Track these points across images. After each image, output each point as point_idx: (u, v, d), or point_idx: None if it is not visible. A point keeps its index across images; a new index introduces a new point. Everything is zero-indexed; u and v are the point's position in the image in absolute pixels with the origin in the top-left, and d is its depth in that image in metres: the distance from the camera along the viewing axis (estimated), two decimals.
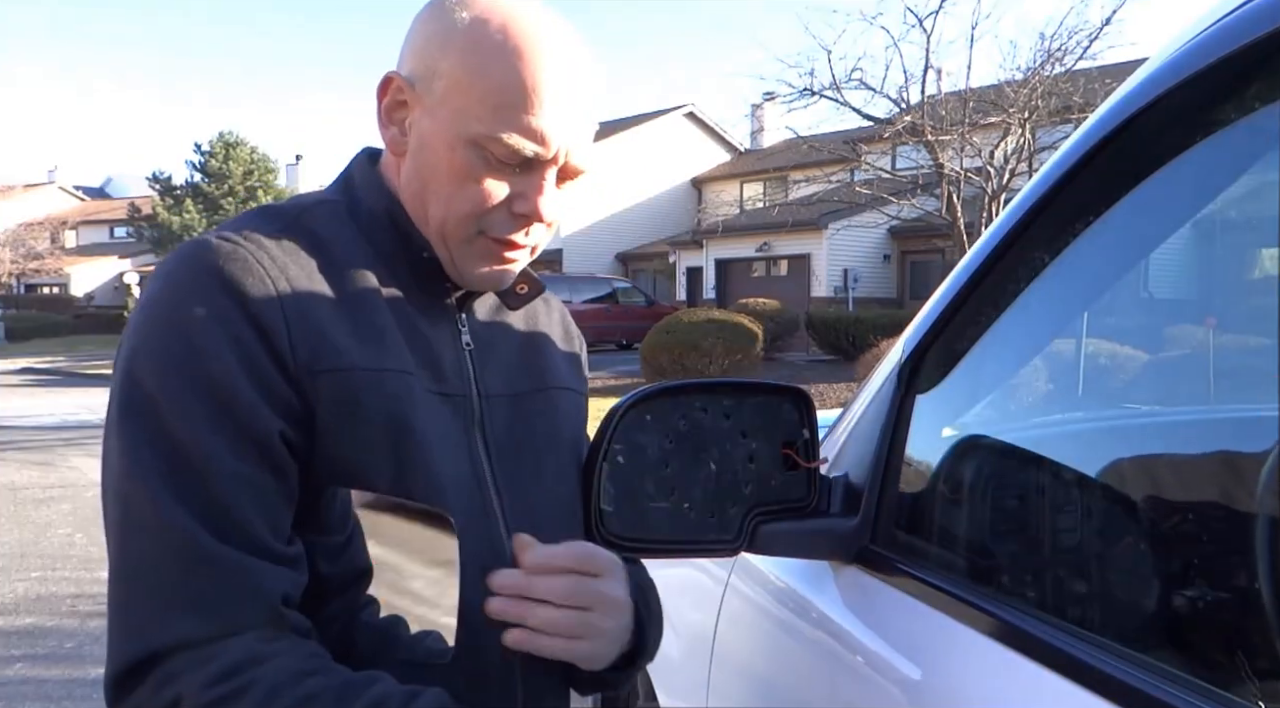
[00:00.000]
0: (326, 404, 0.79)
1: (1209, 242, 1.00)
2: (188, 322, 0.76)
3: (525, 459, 0.94)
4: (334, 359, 0.80)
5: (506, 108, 0.82)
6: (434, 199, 0.86)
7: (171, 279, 0.79)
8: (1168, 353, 1.07)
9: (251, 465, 0.76)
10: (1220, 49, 0.70)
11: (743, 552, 1.09)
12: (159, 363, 0.76)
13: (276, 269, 0.80)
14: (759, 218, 22.54)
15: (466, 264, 0.89)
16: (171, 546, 0.73)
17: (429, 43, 0.85)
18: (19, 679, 3.81)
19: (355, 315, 0.83)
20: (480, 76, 0.82)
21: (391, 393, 0.82)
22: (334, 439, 0.80)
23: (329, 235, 0.86)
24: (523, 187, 0.85)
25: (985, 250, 0.98)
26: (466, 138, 0.83)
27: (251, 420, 0.76)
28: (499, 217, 0.86)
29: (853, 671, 1.06)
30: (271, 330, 0.77)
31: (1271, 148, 0.74)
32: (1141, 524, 0.92)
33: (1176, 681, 0.67)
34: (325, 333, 0.80)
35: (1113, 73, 12.41)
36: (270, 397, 0.77)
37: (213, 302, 0.77)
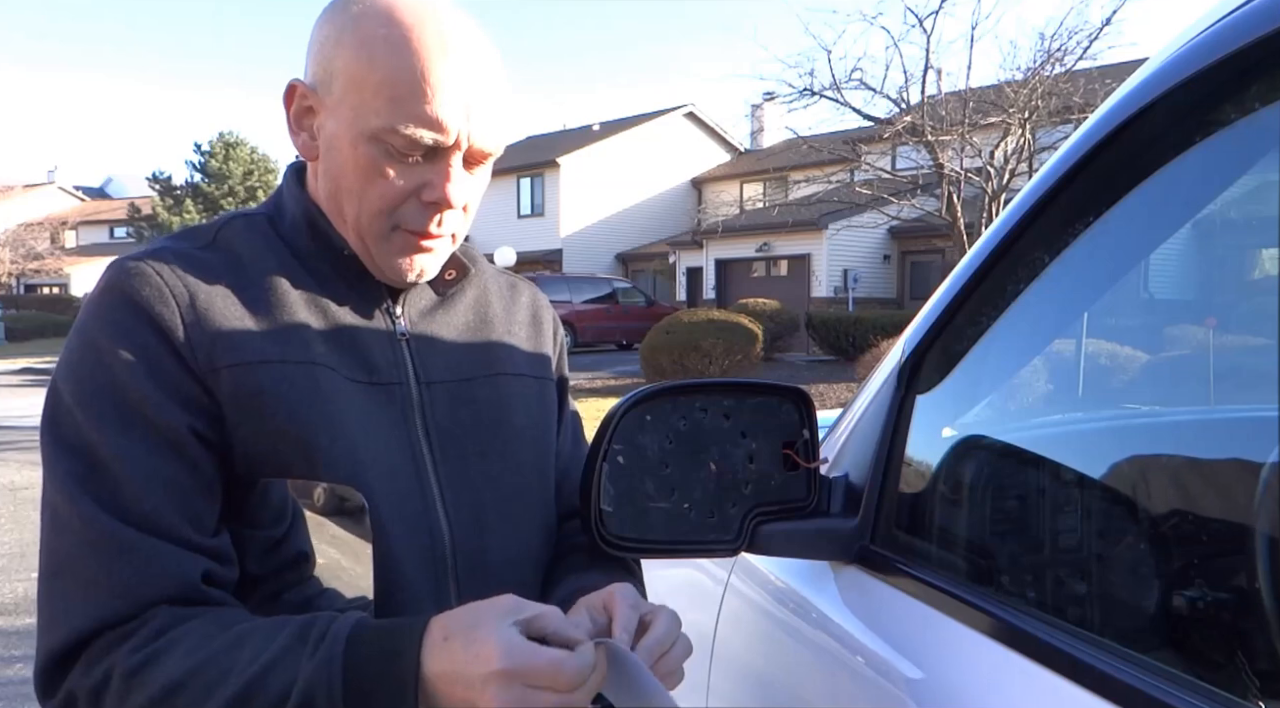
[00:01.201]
0: (230, 398, 0.83)
1: (1209, 242, 0.99)
2: (96, 336, 0.82)
3: (468, 445, 0.95)
4: (232, 354, 0.83)
5: (400, 99, 0.83)
6: (346, 197, 0.89)
7: (89, 303, 0.85)
8: (1168, 353, 1.07)
9: (163, 460, 0.80)
10: (1220, 49, 0.70)
11: (743, 552, 1.09)
12: (74, 375, 0.82)
13: (175, 278, 0.84)
14: (759, 218, 22.53)
15: (385, 259, 0.91)
16: (89, 540, 0.77)
17: (324, 45, 0.87)
18: (19, 679, 3.81)
19: (259, 314, 0.86)
20: (370, 70, 0.84)
21: (295, 382, 0.85)
22: (243, 431, 0.83)
23: (243, 245, 0.90)
24: (429, 176, 0.87)
25: (985, 250, 0.98)
26: (367, 133, 0.84)
27: (158, 417, 0.80)
28: (411, 209, 0.88)
29: (852, 671, 1.06)
30: (170, 333, 0.82)
31: (1271, 148, 0.74)
32: (1141, 524, 0.92)
33: (1176, 681, 0.67)
34: (223, 331, 0.84)
35: (1113, 73, 12.43)
36: (176, 394, 0.81)
37: (117, 315, 0.82)
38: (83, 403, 0.80)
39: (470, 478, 0.94)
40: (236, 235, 0.91)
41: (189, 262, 0.86)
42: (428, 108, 0.83)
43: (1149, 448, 1.07)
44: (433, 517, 0.91)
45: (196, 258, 0.87)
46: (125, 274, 0.83)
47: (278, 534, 0.86)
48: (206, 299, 0.84)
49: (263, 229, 0.93)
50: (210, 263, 0.87)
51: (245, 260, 0.89)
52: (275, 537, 0.86)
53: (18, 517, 6.86)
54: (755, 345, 13.55)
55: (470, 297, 1.02)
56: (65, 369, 0.83)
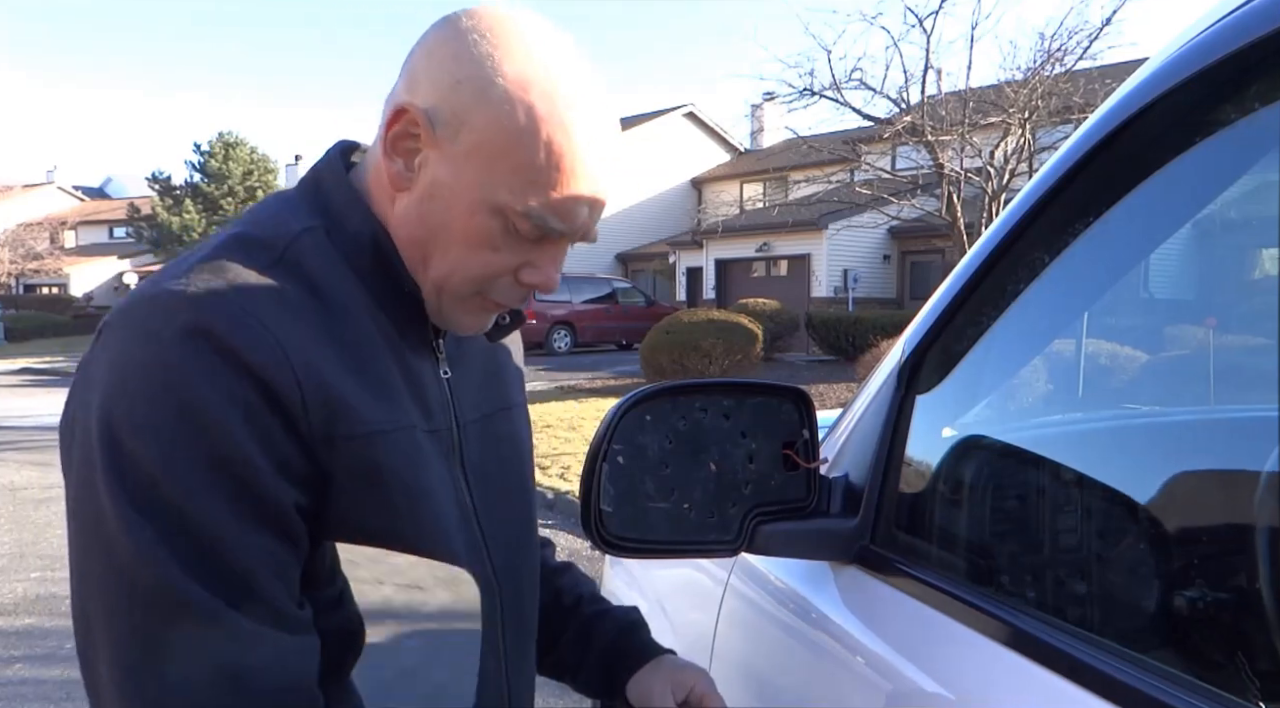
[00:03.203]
0: (344, 470, 0.76)
1: (1209, 242, 0.99)
2: (189, 391, 0.70)
3: (494, 483, 0.94)
4: (351, 424, 0.76)
5: (540, 185, 0.78)
6: (439, 254, 0.82)
7: (156, 339, 0.71)
8: (1168, 353, 1.07)
9: (266, 537, 0.72)
10: (1220, 49, 0.70)
11: (743, 552, 1.09)
12: (160, 433, 0.69)
13: (275, 323, 0.73)
14: (759, 218, 22.53)
15: (455, 315, 0.86)
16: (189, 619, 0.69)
17: (458, 87, 0.78)
18: (19, 680, 3.81)
19: (361, 367, 0.79)
20: (516, 145, 0.77)
21: (405, 452, 0.80)
22: (350, 503, 0.77)
23: (319, 272, 0.80)
24: (536, 258, 0.83)
25: (985, 250, 0.98)
26: (491, 205, 0.79)
27: (266, 493, 0.72)
28: (505, 285, 0.84)
29: (852, 671, 1.06)
30: (283, 396, 0.72)
31: (1271, 148, 0.74)
32: (1141, 524, 0.92)
33: (1177, 681, 0.67)
34: (338, 393, 0.75)
35: (1113, 73, 12.42)
36: (285, 467, 0.73)
37: (213, 367, 0.70)
38: (176, 471, 0.69)
39: (500, 520, 0.94)
40: (306, 255, 0.80)
41: (274, 296, 0.75)
42: (568, 199, 0.79)
43: (1149, 448, 1.07)
44: (486, 571, 0.91)
45: (280, 291, 0.76)
46: (213, 314, 0.71)
47: (334, 594, 0.81)
48: (308, 349, 0.74)
49: (327, 248, 0.82)
50: (293, 297, 0.76)
51: (323, 291, 0.79)
52: (333, 596, 0.81)
53: (17, 517, 6.86)
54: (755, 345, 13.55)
55: None
56: (137, 426, 0.70)
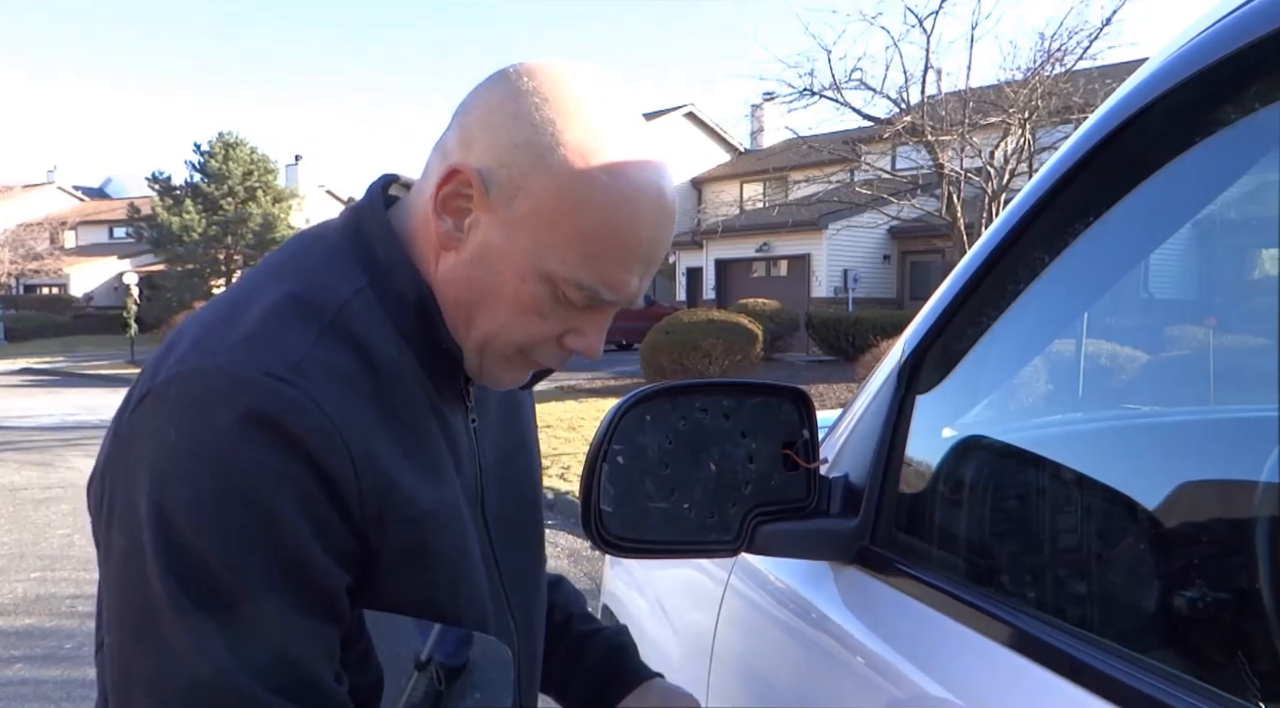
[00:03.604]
0: (392, 550, 0.76)
1: (1209, 242, 1.00)
2: (247, 483, 0.69)
3: (512, 527, 0.95)
4: (403, 508, 0.76)
5: (596, 257, 0.77)
6: (485, 316, 0.81)
7: (214, 424, 0.70)
8: (1168, 353, 1.07)
9: (318, 620, 0.73)
10: (1220, 49, 0.69)
11: (742, 552, 1.09)
12: (216, 520, 0.69)
13: (334, 406, 0.73)
14: (759, 218, 22.54)
15: (494, 372, 0.85)
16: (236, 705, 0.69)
17: (516, 151, 0.76)
18: (18, 680, 3.81)
19: (412, 444, 0.79)
20: (574, 217, 0.76)
21: (452, 529, 0.81)
22: (396, 580, 0.78)
23: (369, 338, 0.78)
24: (581, 324, 0.82)
25: (985, 250, 0.98)
26: (543, 273, 0.78)
27: (324, 583, 0.73)
28: (549, 348, 0.83)
29: (852, 671, 1.06)
30: (341, 485, 0.72)
31: (1271, 148, 0.74)
32: (1141, 525, 0.92)
33: (1177, 681, 0.67)
34: (392, 478, 0.76)
35: (1113, 73, 12.42)
36: (341, 555, 0.74)
37: (276, 458, 0.70)
38: (233, 559, 0.69)
39: (520, 568, 0.95)
40: (356, 321, 0.78)
41: (330, 373, 0.74)
42: (624, 272, 0.78)
43: (1149, 448, 1.07)
44: (506, 619, 0.92)
45: (334, 365, 0.75)
46: (273, 400, 0.70)
47: (360, 650, 0.81)
48: (365, 434, 0.74)
49: (376, 310, 0.80)
50: (347, 369, 0.75)
51: (374, 359, 0.78)
52: (358, 654, 0.81)
53: (17, 517, 6.86)
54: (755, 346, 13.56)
55: None
56: (198, 510, 0.69)
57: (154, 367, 0.76)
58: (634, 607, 1.95)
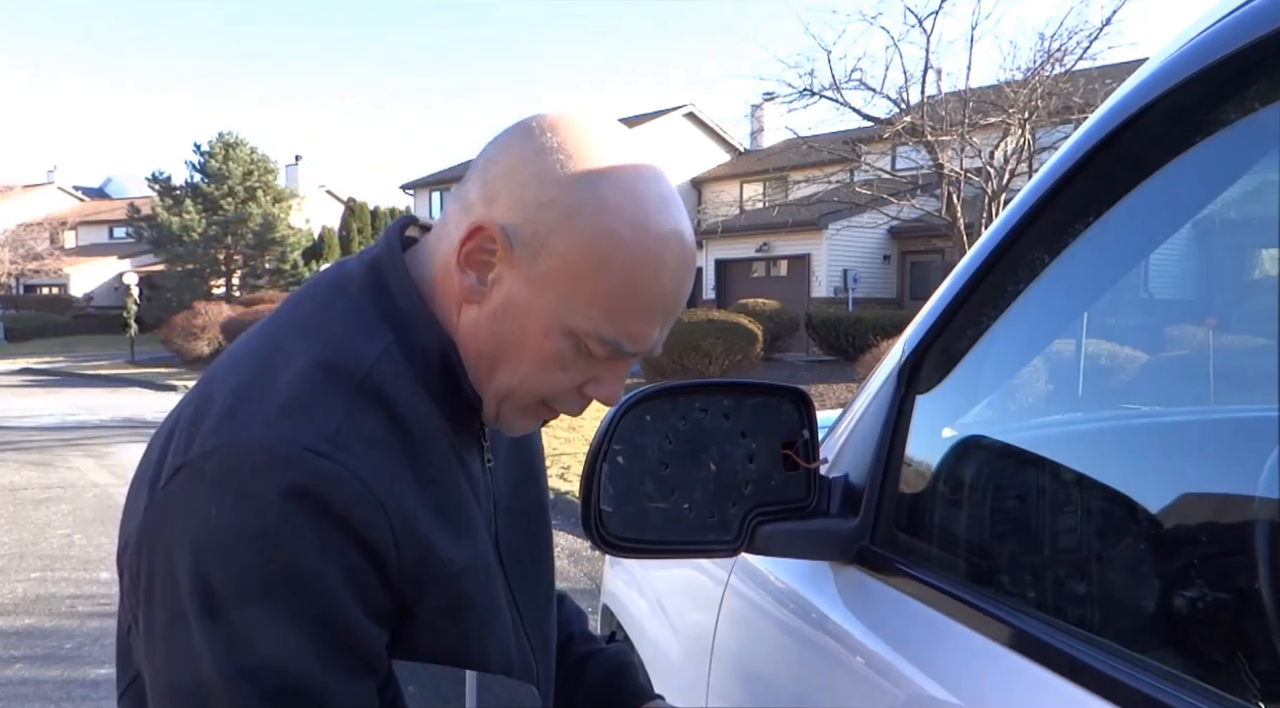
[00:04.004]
0: (429, 607, 0.78)
1: (1209, 242, 1.00)
2: (292, 557, 0.71)
3: (525, 559, 0.96)
4: (440, 568, 0.78)
5: (619, 311, 0.78)
6: (507, 369, 0.82)
7: (256, 499, 0.71)
8: (1168, 353, 1.07)
9: (362, 683, 0.75)
10: (1220, 49, 0.70)
11: (742, 552, 1.09)
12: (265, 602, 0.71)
13: (372, 474, 0.74)
14: (759, 218, 22.55)
15: (510, 420, 0.87)
16: None
17: (541, 208, 0.77)
18: (18, 680, 3.81)
19: (444, 504, 0.80)
20: (599, 274, 0.77)
21: (483, 581, 0.83)
22: (431, 634, 0.80)
23: (399, 399, 0.79)
24: (600, 373, 0.83)
25: (985, 250, 0.98)
26: (566, 328, 0.79)
27: (366, 647, 0.75)
28: (569, 397, 0.85)
29: (852, 671, 1.06)
30: (385, 555, 0.74)
31: (1271, 148, 0.74)
32: (1141, 525, 0.92)
33: (1177, 681, 0.67)
34: (428, 541, 0.77)
35: (1113, 73, 12.42)
36: (382, 618, 0.76)
37: (321, 532, 0.71)
38: (281, 630, 0.71)
39: (534, 599, 0.96)
40: (386, 383, 0.79)
41: (364, 440, 0.75)
42: (643, 327, 0.80)
43: (1149, 448, 1.07)
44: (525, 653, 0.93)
45: (367, 431, 0.76)
46: (313, 475, 0.71)
47: (389, 697, 0.81)
48: (401, 498, 0.76)
49: (403, 369, 0.81)
50: (379, 433, 0.77)
51: (405, 420, 0.79)
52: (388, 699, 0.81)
53: (17, 517, 6.86)
54: (755, 346, 13.56)
55: None
56: (244, 585, 0.70)
57: (186, 437, 0.76)
58: (634, 607, 1.95)
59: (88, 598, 4.87)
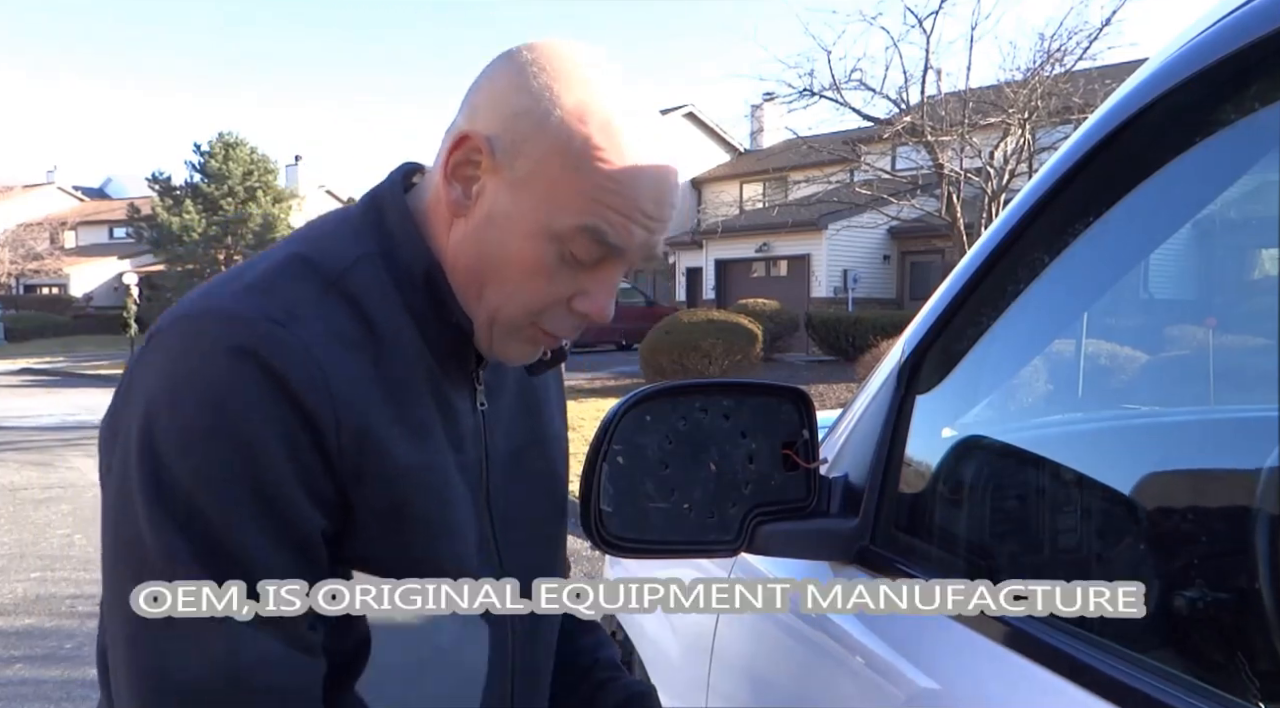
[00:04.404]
0: (369, 505, 0.78)
1: (1209, 242, 1.00)
2: (235, 413, 0.72)
3: (520, 519, 0.95)
4: (378, 462, 0.78)
5: (597, 202, 0.79)
6: (494, 283, 0.83)
7: (204, 355, 0.73)
8: (1168, 353, 1.07)
9: (289, 559, 0.75)
10: (1220, 49, 0.70)
11: (742, 552, 1.09)
12: (197, 449, 0.72)
13: (324, 353, 0.76)
14: (759, 218, 22.54)
15: (505, 346, 0.86)
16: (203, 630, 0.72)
17: (518, 117, 0.80)
18: (18, 680, 3.81)
19: (402, 407, 0.81)
20: (574, 172, 0.79)
21: (434, 489, 0.82)
22: (371, 536, 0.79)
23: (372, 304, 0.81)
24: (588, 284, 0.83)
25: (985, 250, 0.98)
26: (548, 231, 0.80)
27: (295, 518, 0.75)
28: (559, 313, 0.84)
29: (852, 671, 1.06)
30: (320, 428, 0.74)
31: (1271, 148, 0.74)
32: (1141, 525, 0.92)
33: (1176, 681, 0.67)
34: (374, 432, 0.77)
35: (1113, 73, 12.41)
36: (318, 497, 0.76)
37: (260, 393, 0.72)
38: (212, 484, 0.72)
39: (521, 553, 0.94)
40: (360, 285, 0.81)
41: (324, 326, 0.77)
42: (622, 216, 0.80)
43: (1149, 448, 1.07)
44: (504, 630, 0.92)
45: (330, 321, 0.78)
46: (263, 337, 0.73)
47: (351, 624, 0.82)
48: (351, 385, 0.77)
49: (384, 278, 0.83)
50: (344, 329, 0.78)
51: (374, 324, 0.81)
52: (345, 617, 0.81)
53: (17, 517, 6.86)
54: (755, 346, 13.55)
55: None
56: (181, 432, 0.72)
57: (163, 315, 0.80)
58: None
59: (88, 598, 4.87)
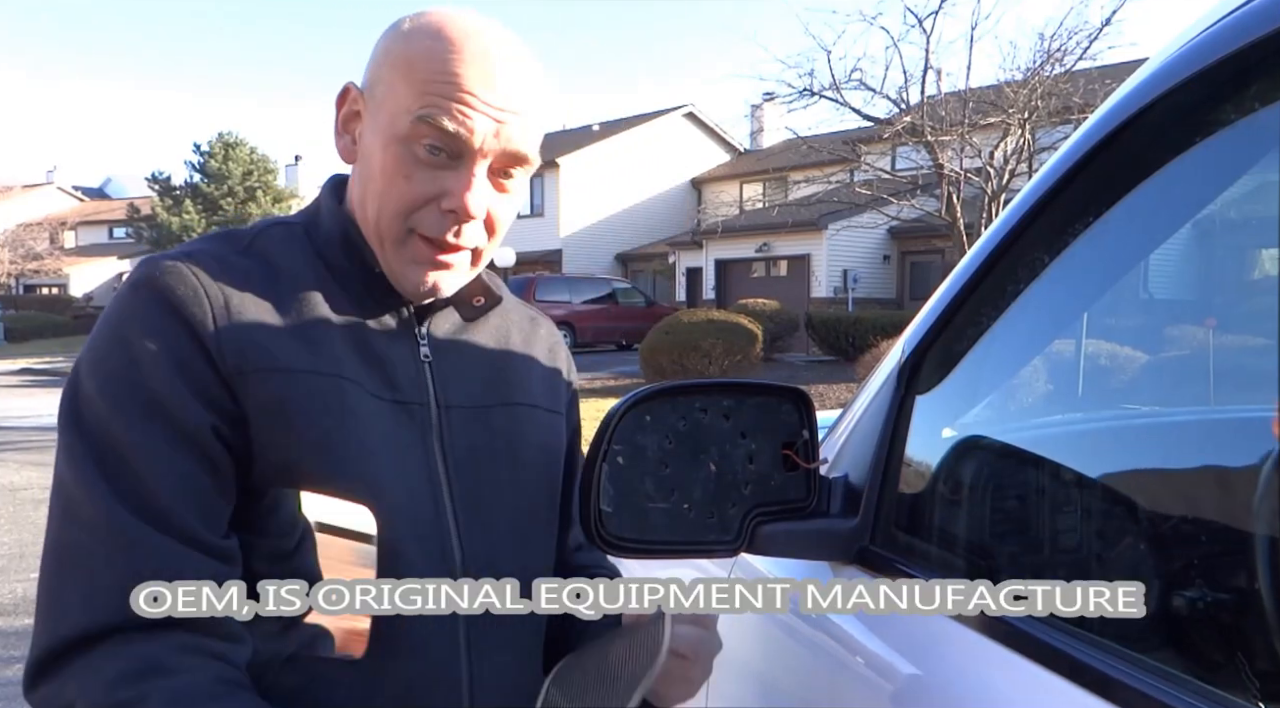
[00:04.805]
0: (256, 404, 0.83)
1: (1209, 242, 0.99)
2: (126, 330, 0.82)
3: (484, 471, 0.96)
4: (260, 360, 0.83)
5: (432, 96, 0.85)
6: (370, 199, 0.90)
7: (120, 297, 0.85)
8: (1168, 353, 1.07)
9: (183, 457, 0.80)
10: (1220, 49, 0.70)
11: (742, 552, 1.09)
12: (101, 367, 0.82)
13: (210, 280, 0.84)
14: (759, 218, 22.54)
15: (402, 269, 0.91)
16: (100, 532, 0.77)
17: (376, 56, 0.90)
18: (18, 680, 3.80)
19: (291, 325, 0.86)
20: (409, 72, 0.86)
21: (321, 393, 0.85)
22: (264, 437, 0.83)
23: (282, 258, 0.90)
24: (450, 184, 0.87)
25: (985, 250, 0.98)
26: (398, 135, 0.86)
27: (182, 415, 0.80)
28: (429, 215, 0.89)
29: (852, 671, 1.06)
30: (201, 333, 0.82)
31: (1271, 148, 0.74)
32: (1141, 524, 0.92)
33: (1176, 681, 0.67)
34: (254, 338, 0.84)
35: (1113, 73, 12.41)
36: (202, 394, 0.81)
37: (148, 311, 0.82)
38: (107, 394, 0.80)
39: (484, 502, 0.95)
40: (273, 244, 0.91)
41: (225, 265, 0.86)
42: (456, 106, 0.84)
43: (1149, 448, 1.07)
44: (446, 540, 0.91)
45: (232, 263, 0.87)
46: (160, 271, 0.84)
47: (286, 547, 0.85)
48: (240, 304, 0.84)
49: (299, 239, 0.93)
50: (246, 269, 0.87)
51: (280, 270, 0.89)
52: (284, 549, 0.85)
53: (17, 518, 6.86)
54: (755, 346, 13.55)
55: (493, 325, 1.04)
56: (91, 360, 0.82)
57: None
58: None
59: None
